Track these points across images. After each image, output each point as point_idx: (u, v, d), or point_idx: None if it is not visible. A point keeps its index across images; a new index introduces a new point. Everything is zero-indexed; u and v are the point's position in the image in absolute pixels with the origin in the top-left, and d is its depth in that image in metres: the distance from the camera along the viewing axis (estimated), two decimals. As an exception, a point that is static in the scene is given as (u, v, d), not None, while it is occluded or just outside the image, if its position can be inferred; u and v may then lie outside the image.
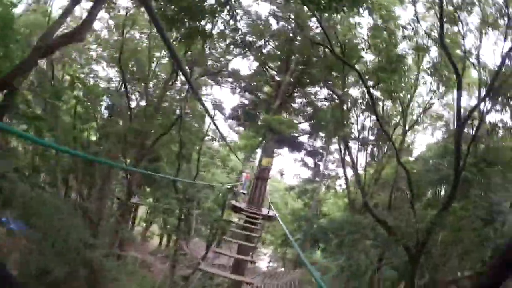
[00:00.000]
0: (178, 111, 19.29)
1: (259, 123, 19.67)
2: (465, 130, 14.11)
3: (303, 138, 24.75)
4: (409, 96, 20.36)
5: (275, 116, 15.34)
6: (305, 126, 24.37)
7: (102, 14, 22.48)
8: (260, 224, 16.62)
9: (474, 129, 14.71)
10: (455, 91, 18.11)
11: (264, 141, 18.36)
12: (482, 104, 13.99)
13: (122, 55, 19.58)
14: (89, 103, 26.13)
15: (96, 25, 22.48)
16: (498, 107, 16.28)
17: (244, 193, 19.18)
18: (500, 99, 15.51)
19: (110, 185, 21.08)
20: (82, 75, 26.72)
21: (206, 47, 17.71)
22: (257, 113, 21.52)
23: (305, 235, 28.73)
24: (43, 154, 30.37)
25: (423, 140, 50.24)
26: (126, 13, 19.38)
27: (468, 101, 20.88)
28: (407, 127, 20.93)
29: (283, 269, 34.61)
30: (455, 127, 12.59)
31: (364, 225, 16.94)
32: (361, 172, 25.41)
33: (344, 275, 23.61)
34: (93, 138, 27.27)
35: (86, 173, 24.82)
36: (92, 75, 27.07)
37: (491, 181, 15.82)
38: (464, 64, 15.13)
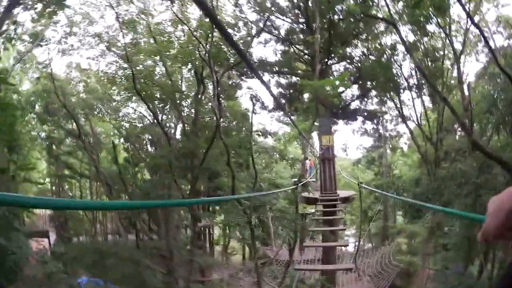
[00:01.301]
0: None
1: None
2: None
3: (355, 104, 21.76)
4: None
5: (318, 81, 12.65)
6: (353, 90, 21.45)
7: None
8: (341, 211, 14.22)
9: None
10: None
11: (316, 120, 15.81)
12: None
13: (140, 84, 17.83)
14: (132, 146, 25.08)
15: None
16: None
17: (313, 181, 16.79)
18: None
19: (173, 216, 19.31)
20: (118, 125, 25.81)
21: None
22: (300, 95, 18.94)
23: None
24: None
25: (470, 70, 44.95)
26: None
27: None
28: (457, 54, 17.45)
29: (370, 245, 31.76)
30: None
31: (469, 173, 13.73)
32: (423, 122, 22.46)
33: (436, 236, 20.73)
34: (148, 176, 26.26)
35: (149, 213, 23.66)
36: (126, 120, 25.99)
37: None
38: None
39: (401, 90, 21.41)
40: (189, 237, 20.06)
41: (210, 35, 14.13)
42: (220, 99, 16.01)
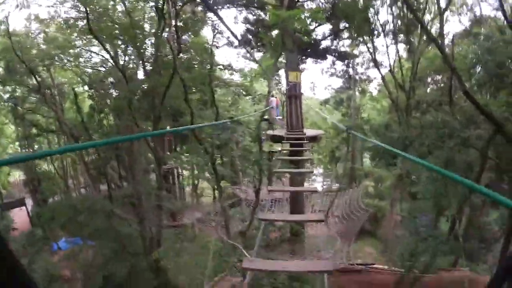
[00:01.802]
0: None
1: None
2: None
3: (326, 44, 20.56)
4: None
5: (286, 12, 11.43)
6: (325, 29, 20.13)
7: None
8: (308, 149, 13.57)
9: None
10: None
11: (284, 56, 14.67)
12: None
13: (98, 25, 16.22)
14: (96, 92, 23.50)
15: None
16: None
17: (279, 119, 15.99)
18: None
19: (140, 161, 18.32)
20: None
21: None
22: (268, 31, 17.51)
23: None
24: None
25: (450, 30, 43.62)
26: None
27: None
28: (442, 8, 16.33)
29: (337, 185, 31.62)
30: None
31: (453, 124, 12.91)
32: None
33: (404, 182, 20.65)
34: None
35: (118, 159, 22.75)
36: (89, 66, 24.21)
37: None
38: None
39: (376, 34, 20.36)
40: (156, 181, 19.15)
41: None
42: (180, 32, 14.61)
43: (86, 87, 26.01)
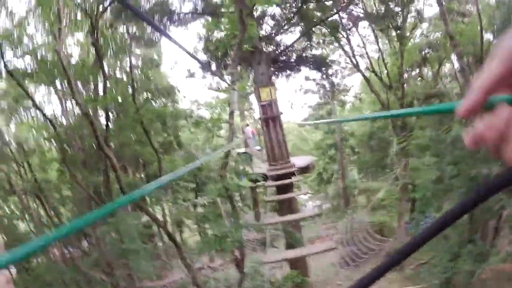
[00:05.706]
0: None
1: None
2: None
3: (298, 53, 16.41)
4: None
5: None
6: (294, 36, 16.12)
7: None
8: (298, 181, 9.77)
9: None
10: None
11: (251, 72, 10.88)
12: None
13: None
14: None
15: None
16: None
17: (258, 150, 12.07)
18: None
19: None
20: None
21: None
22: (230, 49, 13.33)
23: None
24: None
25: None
26: None
27: None
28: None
29: (329, 205, 27.31)
30: None
31: None
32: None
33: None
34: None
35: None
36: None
37: None
38: None
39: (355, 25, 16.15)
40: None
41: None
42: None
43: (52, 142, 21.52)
